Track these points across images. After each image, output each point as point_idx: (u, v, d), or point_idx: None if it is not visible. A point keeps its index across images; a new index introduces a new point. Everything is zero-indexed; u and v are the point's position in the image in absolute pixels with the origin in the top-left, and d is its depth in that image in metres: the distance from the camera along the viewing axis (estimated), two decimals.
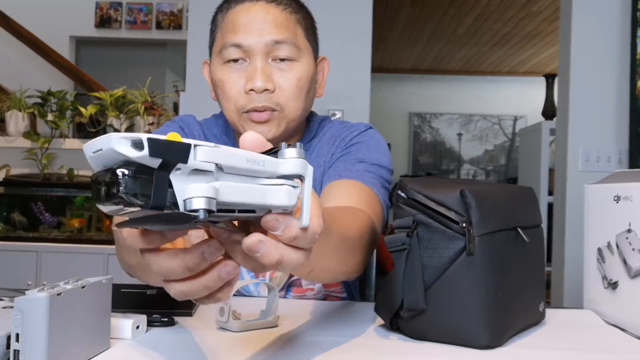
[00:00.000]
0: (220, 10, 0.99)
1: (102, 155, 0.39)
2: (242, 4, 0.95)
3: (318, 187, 1.03)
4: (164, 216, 0.39)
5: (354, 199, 0.90)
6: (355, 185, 0.95)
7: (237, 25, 0.94)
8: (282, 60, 0.95)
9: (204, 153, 0.39)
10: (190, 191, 0.39)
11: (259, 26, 0.93)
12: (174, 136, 0.38)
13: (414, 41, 5.73)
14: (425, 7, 4.72)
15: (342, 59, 2.53)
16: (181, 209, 0.39)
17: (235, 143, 1.08)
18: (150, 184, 0.38)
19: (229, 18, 0.95)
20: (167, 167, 0.38)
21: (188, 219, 0.39)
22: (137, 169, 0.38)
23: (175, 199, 0.39)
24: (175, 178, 0.39)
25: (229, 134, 1.09)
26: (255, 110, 0.94)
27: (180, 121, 1.09)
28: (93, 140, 0.39)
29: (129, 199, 0.37)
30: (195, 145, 0.39)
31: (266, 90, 0.93)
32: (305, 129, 1.08)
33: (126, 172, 0.37)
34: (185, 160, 0.38)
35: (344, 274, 0.79)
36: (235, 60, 0.95)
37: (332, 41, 1.38)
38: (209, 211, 0.39)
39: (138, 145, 0.37)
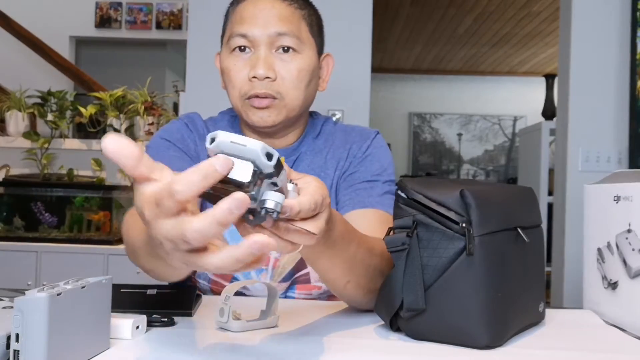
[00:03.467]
0: (232, 4, 1.06)
1: (240, 150, 0.50)
2: None
3: (333, 189, 1.08)
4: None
5: (380, 231, 0.94)
6: (377, 214, 1.01)
7: (244, 17, 1.00)
8: (285, 51, 0.99)
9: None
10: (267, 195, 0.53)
11: (264, 19, 0.99)
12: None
13: (413, 41, 5.73)
14: (425, 7, 4.72)
15: (342, 59, 2.52)
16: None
17: (241, 134, 1.10)
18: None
19: (238, 11, 1.02)
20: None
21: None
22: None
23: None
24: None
25: (235, 127, 1.12)
26: (257, 97, 0.99)
27: (186, 118, 1.12)
28: (239, 136, 0.50)
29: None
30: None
31: (268, 78, 0.98)
32: (308, 125, 1.12)
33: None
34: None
35: (369, 293, 0.85)
36: (242, 50, 1.00)
37: (332, 41, 1.39)
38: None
39: (270, 157, 0.50)
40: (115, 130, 2.91)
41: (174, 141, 1.06)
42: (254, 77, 0.98)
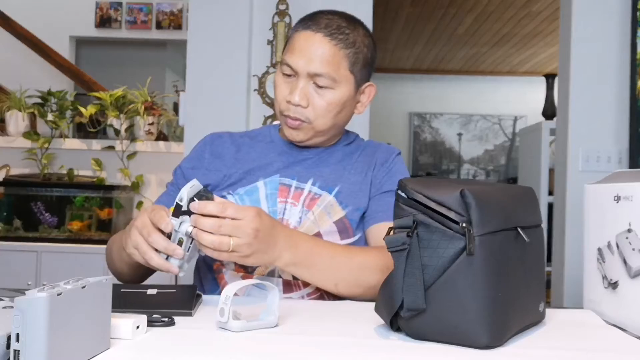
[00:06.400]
0: (295, 28, 1.19)
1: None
2: (305, 30, 1.15)
3: (367, 186, 1.20)
4: None
5: None
6: None
7: (295, 48, 1.15)
8: (319, 87, 1.14)
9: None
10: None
11: (308, 56, 1.13)
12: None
13: (414, 41, 5.73)
14: (425, 7, 4.72)
15: None
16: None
17: (280, 139, 1.26)
18: None
19: (294, 38, 1.17)
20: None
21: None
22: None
23: None
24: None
25: (273, 133, 1.28)
26: (290, 117, 1.16)
27: (210, 136, 1.29)
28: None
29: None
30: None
31: (300, 105, 1.14)
32: (343, 135, 1.29)
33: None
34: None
35: (360, 287, 1.05)
36: (288, 75, 1.17)
37: None
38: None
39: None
40: (115, 130, 2.91)
41: (188, 160, 1.27)
42: (289, 101, 1.14)
